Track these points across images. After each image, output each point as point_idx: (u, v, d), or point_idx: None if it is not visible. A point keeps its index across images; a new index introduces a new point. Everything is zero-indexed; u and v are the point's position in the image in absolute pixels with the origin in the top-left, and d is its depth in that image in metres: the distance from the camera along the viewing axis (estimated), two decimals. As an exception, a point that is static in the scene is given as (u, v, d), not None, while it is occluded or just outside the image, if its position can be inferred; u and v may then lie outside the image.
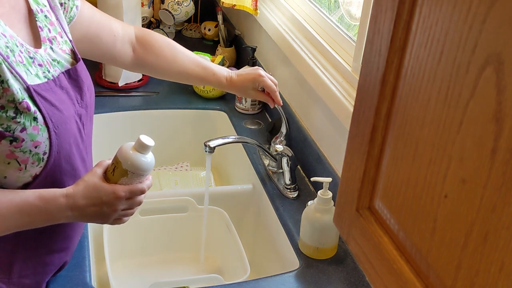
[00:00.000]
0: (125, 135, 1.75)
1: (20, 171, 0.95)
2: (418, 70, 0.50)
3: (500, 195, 0.40)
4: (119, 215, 1.03)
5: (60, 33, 1.06)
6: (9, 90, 0.89)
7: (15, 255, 1.03)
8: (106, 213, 1.01)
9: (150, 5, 2.21)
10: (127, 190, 1.01)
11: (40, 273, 1.09)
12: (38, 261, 1.07)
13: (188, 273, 1.54)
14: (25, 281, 1.07)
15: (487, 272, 0.42)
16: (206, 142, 1.40)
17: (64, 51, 1.06)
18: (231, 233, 1.47)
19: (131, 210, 1.05)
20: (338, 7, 1.59)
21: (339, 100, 1.33)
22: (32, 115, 0.93)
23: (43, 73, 0.98)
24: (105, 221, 1.03)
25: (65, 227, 1.09)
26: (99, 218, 1.02)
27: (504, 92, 0.39)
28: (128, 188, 1.01)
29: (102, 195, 0.99)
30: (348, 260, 1.28)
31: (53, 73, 1.01)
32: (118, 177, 1.01)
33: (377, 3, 0.55)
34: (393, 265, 0.54)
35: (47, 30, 1.03)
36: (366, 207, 0.60)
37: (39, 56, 0.99)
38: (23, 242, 1.03)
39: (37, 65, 0.98)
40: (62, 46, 1.05)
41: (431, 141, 0.48)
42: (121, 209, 1.02)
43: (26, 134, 0.92)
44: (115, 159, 1.02)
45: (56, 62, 1.02)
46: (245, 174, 1.66)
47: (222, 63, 1.92)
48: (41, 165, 0.97)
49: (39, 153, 0.95)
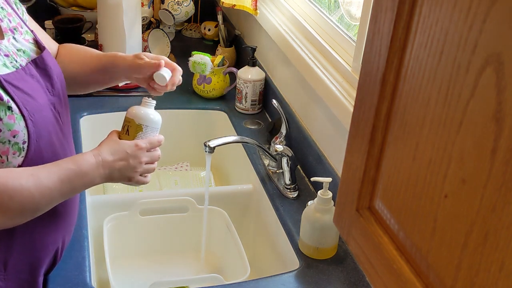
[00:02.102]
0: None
1: (2, 164, 0.96)
2: (418, 70, 0.50)
3: (500, 195, 0.40)
4: (143, 170, 1.10)
5: (20, 24, 1.06)
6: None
7: (9, 252, 1.03)
8: (132, 166, 1.07)
9: (150, 5, 2.21)
10: (146, 141, 1.10)
11: (36, 267, 1.10)
12: (33, 255, 1.08)
13: (188, 273, 1.54)
14: (22, 276, 1.07)
15: (487, 272, 0.42)
16: (206, 142, 1.40)
17: (28, 41, 1.06)
18: (231, 233, 1.47)
19: (153, 165, 1.12)
20: (338, 7, 1.59)
21: (339, 100, 1.33)
22: (5, 104, 0.93)
23: (11, 63, 0.99)
24: (133, 176, 1.09)
25: (56, 218, 1.10)
26: (127, 173, 1.08)
27: (504, 92, 0.39)
28: (147, 139, 1.10)
29: (125, 148, 1.07)
30: (348, 260, 1.28)
31: (21, 62, 1.01)
32: (133, 134, 1.11)
33: (377, 3, 0.55)
34: (393, 265, 0.54)
35: (7, 21, 1.03)
36: (366, 207, 0.60)
37: (3, 47, 0.99)
38: (17, 238, 1.04)
39: (3, 55, 0.98)
40: (24, 36, 1.06)
41: (431, 141, 0.48)
42: (145, 162, 1.09)
43: (3, 124, 0.93)
44: (125, 120, 1.13)
45: (21, 51, 1.03)
46: (245, 174, 1.66)
47: (222, 63, 1.92)
48: (22, 154, 0.97)
49: (18, 142, 0.96)
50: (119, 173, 1.07)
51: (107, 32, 1.84)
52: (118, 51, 1.82)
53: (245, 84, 1.82)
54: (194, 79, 1.93)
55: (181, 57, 2.16)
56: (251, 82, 1.82)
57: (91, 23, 2.24)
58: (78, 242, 1.26)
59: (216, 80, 1.89)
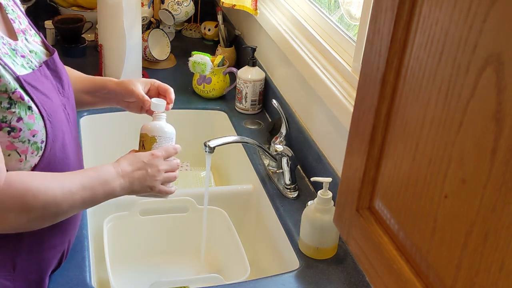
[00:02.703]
0: (125, 135, 1.75)
1: (20, 162, 0.96)
2: (418, 70, 0.50)
3: (500, 195, 0.40)
4: (163, 179, 1.11)
5: (28, 26, 1.08)
6: (0, 80, 0.90)
7: (18, 253, 1.04)
8: (151, 174, 1.09)
9: (150, 5, 2.21)
10: (162, 150, 1.13)
11: (44, 268, 1.10)
12: (41, 256, 1.08)
13: (188, 273, 1.54)
14: (30, 276, 1.08)
15: (487, 272, 0.42)
16: (206, 142, 1.40)
17: (37, 43, 1.07)
18: (231, 233, 1.47)
19: (173, 173, 1.14)
20: (338, 7, 1.59)
21: (339, 100, 1.33)
22: (26, 104, 0.94)
23: (27, 64, 1.00)
24: (153, 185, 1.10)
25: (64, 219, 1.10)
26: (147, 182, 1.09)
27: (504, 92, 0.39)
28: (162, 148, 1.13)
29: (142, 158, 1.10)
30: (348, 260, 1.28)
31: (35, 63, 1.02)
32: (149, 147, 1.15)
33: (377, 3, 0.55)
34: (393, 265, 0.54)
35: (18, 22, 1.04)
36: (366, 207, 0.60)
37: (19, 48, 1.00)
38: (26, 239, 1.04)
39: (20, 56, 0.99)
40: (34, 38, 1.07)
41: (431, 141, 0.48)
42: (163, 170, 1.11)
43: (23, 124, 0.94)
44: (140, 137, 1.17)
45: (33, 53, 1.04)
46: (245, 174, 1.66)
47: (222, 63, 1.92)
48: (40, 154, 0.98)
49: (37, 142, 0.97)
50: (139, 183, 1.08)
51: (107, 32, 1.84)
52: (118, 51, 1.83)
53: (245, 84, 1.82)
54: (194, 79, 1.93)
55: (181, 57, 2.16)
56: (251, 82, 1.82)
57: (91, 23, 2.24)
58: (78, 242, 1.26)
59: (216, 80, 1.89)
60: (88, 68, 1.99)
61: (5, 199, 0.90)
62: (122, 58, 1.84)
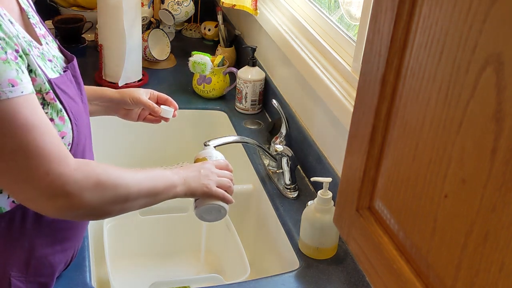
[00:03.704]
0: (125, 135, 1.75)
1: None
2: (418, 70, 0.50)
3: (500, 195, 0.40)
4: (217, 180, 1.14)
5: (46, 32, 1.08)
6: (36, 80, 0.92)
7: (32, 255, 1.04)
8: (204, 174, 1.13)
9: (150, 5, 2.21)
10: (212, 160, 1.19)
11: (54, 271, 1.10)
12: (52, 260, 1.08)
13: (188, 273, 1.54)
14: (41, 279, 1.08)
15: (487, 272, 0.42)
16: (206, 142, 1.40)
17: (56, 48, 1.08)
18: (231, 233, 1.47)
19: (226, 179, 1.16)
20: (338, 7, 1.59)
21: (339, 100, 1.33)
22: (57, 106, 0.96)
23: (55, 68, 1.01)
24: (209, 183, 1.12)
25: (75, 224, 1.11)
26: (202, 180, 1.12)
27: (504, 92, 0.39)
28: (212, 161, 1.19)
29: (194, 165, 1.16)
30: (348, 260, 1.28)
31: (60, 68, 1.04)
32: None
33: (377, 3, 0.55)
34: (393, 265, 0.54)
35: (39, 28, 1.05)
36: (366, 207, 0.60)
37: (46, 52, 1.01)
38: (40, 241, 1.04)
39: (47, 60, 1.00)
40: (52, 44, 1.08)
41: (431, 141, 0.48)
42: (216, 174, 1.15)
43: (54, 125, 0.95)
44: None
45: (56, 58, 1.05)
46: (245, 174, 1.66)
47: (222, 63, 1.92)
48: None
49: (65, 143, 0.97)
50: (194, 181, 1.11)
51: (107, 32, 1.84)
52: (118, 51, 1.83)
53: (245, 84, 1.82)
54: (194, 79, 1.93)
55: (181, 57, 2.16)
56: (251, 82, 1.82)
57: (91, 23, 2.24)
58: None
59: (216, 80, 1.89)
60: (88, 68, 1.99)
61: (80, 178, 0.92)
62: (122, 58, 1.84)
